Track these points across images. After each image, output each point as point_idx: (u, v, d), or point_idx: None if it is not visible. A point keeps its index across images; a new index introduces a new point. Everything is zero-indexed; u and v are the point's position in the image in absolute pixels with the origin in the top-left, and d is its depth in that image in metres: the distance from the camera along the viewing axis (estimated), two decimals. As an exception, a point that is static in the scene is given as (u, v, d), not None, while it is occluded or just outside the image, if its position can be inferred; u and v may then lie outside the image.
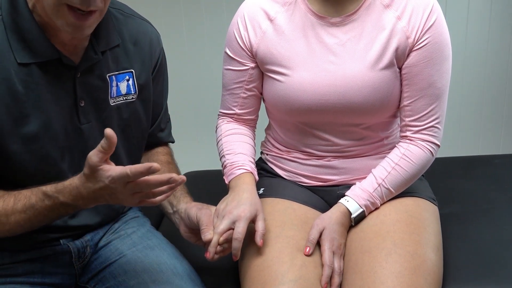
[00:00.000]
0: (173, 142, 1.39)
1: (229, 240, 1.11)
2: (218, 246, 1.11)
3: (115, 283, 1.16)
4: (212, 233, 1.11)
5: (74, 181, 0.99)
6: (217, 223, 1.13)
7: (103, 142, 0.92)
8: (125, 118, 1.18)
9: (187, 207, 1.18)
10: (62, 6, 0.96)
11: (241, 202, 1.14)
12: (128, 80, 1.16)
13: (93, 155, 0.93)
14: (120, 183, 0.94)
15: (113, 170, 0.93)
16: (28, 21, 1.01)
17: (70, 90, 1.07)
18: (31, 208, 1.00)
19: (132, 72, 1.17)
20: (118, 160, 1.19)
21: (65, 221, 1.14)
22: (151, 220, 1.36)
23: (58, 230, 1.15)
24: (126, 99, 1.17)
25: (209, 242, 1.10)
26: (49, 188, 1.00)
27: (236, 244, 1.10)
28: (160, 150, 1.35)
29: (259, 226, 1.13)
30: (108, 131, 0.91)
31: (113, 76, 1.14)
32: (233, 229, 1.11)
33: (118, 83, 1.15)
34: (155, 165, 0.93)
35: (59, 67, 1.05)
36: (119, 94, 1.15)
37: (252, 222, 1.14)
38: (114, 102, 1.15)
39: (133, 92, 1.17)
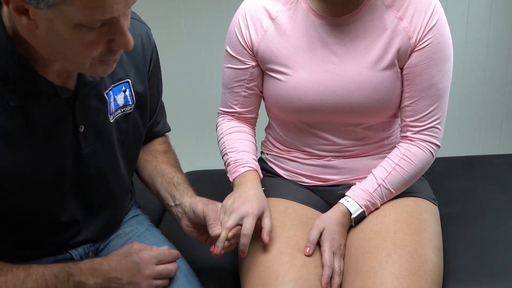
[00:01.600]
0: (169, 130, 1.36)
1: (236, 236, 1.11)
2: (226, 242, 1.11)
3: None
4: (220, 229, 1.11)
5: (96, 259, 1.06)
6: (225, 219, 1.12)
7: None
8: (123, 129, 1.13)
9: (192, 201, 1.16)
10: (94, 62, 0.89)
11: (249, 198, 1.14)
12: (124, 91, 1.10)
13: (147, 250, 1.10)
14: (152, 261, 1.08)
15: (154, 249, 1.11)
16: (14, 59, 0.89)
17: (69, 118, 1.00)
18: (42, 284, 0.97)
19: (128, 82, 1.11)
20: (118, 170, 1.16)
21: (66, 241, 1.12)
22: (151, 217, 1.35)
23: (61, 246, 1.13)
24: (124, 111, 1.11)
25: (217, 237, 1.10)
26: (66, 265, 1.01)
27: (245, 240, 1.10)
28: (157, 139, 1.32)
29: (266, 223, 1.13)
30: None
31: (110, 92, 1.07)
32: (241, 225, 1.11)
33: (115, 97, 1.08)
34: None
35: (56, 98, 0.96)
36: (116, 108, 1.09)
37: (258, 219, 1.14)
38: (113, 118, 1.09)
39: (130, 103, 1.12)
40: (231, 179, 1.24)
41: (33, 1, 0.78)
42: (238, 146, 1.28)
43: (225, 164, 1.28)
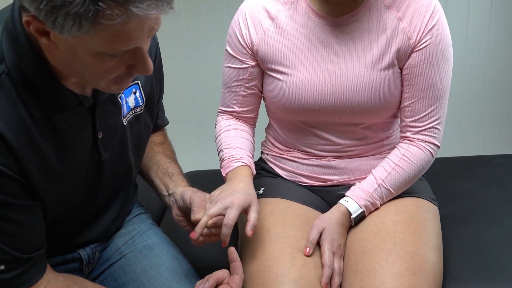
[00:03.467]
0: (168, 123, 1.36)
1: (217, 226, 1.09)
2: (205, 229, 1.09)
3: (115, 286, 1.16)
4: (202, 214, 1.10)
5: None
6: (209, 207, 1.11)
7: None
8: (136, 131, 1.13)
9: (183, 190, 1.17)
10: (110, 82, 0.89)
11: (236, 191, 1.13)
12: (135, 93, 1.11)
13: None
14: None
15: None
16: (39, 72, 0.89)
17: (89, 125, 1.01)
18: None
19: (138, 83, 1.11)
20: (130, 170, 1.16)
21: (75, 241, 1.13)
22: (152, 216, 1.35)
23: (70, 245, 1.13)
24: (135, 112, 1.12)
25: (197, 222, 1.09)
26: None
27: (226, 230, 1.08)
28: (155, 131, 1.32)
29: (251, 216, 1.12)
30: None
31: (122, 95, 1.07)
32: (224, 215, 1.09)
33: (127, 99, 1.09)
34: None
35: (78, 107, 0.97)
36: (128, 110, 1.10)
37: (245, 212, 1.13)
38: (126, 120, 1.09)
39: (141, 104, 1.13)
40: (223, 174, 1.24)
41: (57, 29, 0.77)
42: (234, 143, 1.28)
43: (220, 160, 1.28)
